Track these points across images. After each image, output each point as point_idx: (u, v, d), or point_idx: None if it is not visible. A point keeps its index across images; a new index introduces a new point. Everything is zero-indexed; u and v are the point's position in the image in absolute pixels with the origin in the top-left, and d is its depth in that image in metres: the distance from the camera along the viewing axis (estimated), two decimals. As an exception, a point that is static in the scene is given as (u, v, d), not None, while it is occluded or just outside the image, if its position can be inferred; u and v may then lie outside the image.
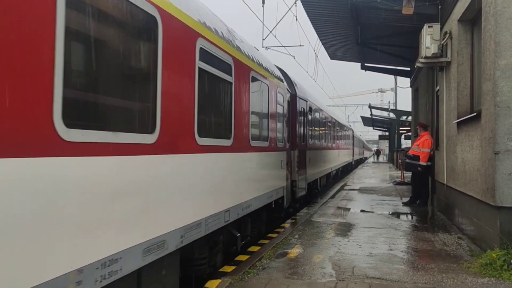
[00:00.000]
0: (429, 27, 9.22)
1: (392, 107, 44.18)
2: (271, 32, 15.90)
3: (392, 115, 39.60)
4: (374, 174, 26.01)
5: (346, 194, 14.64)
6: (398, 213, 10.53)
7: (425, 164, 11.19)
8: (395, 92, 45.07)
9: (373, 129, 56.97)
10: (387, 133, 47.52)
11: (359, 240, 7.34)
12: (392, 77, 39.85)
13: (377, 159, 66.11)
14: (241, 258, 6.36)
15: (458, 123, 8.08)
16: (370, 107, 35.28)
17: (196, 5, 5.08)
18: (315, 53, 20.62)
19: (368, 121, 46.90)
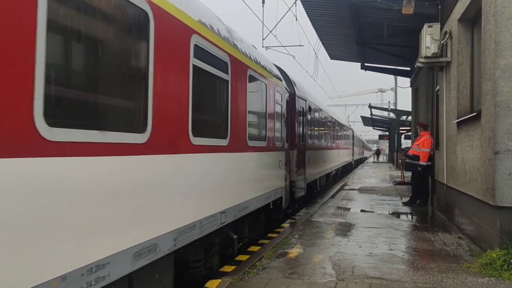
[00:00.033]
0: (429, 27, 9.22)
1: (392, 107, 44.23)
2: (271, 32, 15.91)
3: (392, 115, 39.64)
4: (374, 174, 26.01)
5: (346, 194, 14.64)
6: (398, 213, 10.53)
7: (425, 164, 11.19)
8: (395, 92, 45.13)
9: (373, 129, 57.03)
10: (387, 133, 47.57)
11: (359, 240, 7.34)
12: (392, 77, 39.93)
13: (377, 159, 66.09)
14: (241, 258, 6.36)
15: (458, 123, 8.08)
16: (370, 107, 35.31)
17: (191, 0, 4.93)
18: (315, 53, 20.65)
19: (368, 121, 46.92)
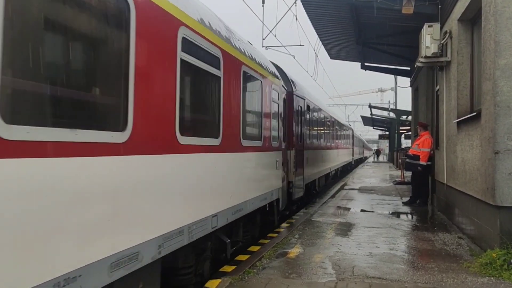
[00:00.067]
0: (429, 26, 9.22)
1: (392, 106, 44.27)
2: (271, 31, 15.92)
3: (392, 114, 39.67)
4: (374, 174, 26.01)
5: (346, 194, 14.64)
6: (398, 213, 10.53)
7: (425, 163, 11.19)
8: (395, 92, 45.18)
9: (373, 128, 57.04)
10: (387, 133, 47.58)
11: (359, 240, 7.34)
12: (392, 76, 39.88)
13: (377, 158, 66.06)
14: (241, 257, 6.36)
15: (458, 122, 8.08)
16: (370, 106, 35.32)
17: None
18: (315, 53, 20.65)
19: (368, 121, 46.92)
